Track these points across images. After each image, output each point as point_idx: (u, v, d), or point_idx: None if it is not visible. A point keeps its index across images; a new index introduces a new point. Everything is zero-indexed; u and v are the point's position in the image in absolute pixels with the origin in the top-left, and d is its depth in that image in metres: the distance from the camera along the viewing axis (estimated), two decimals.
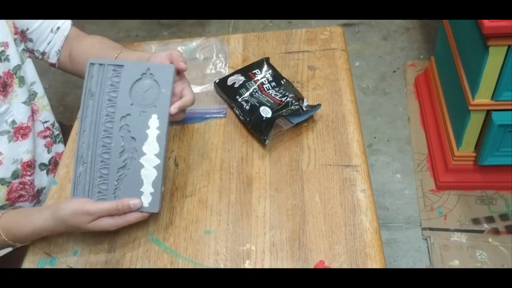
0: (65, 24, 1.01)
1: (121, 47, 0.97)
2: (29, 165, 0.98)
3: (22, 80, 0.96)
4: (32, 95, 1.01)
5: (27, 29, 0.98)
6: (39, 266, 0.80)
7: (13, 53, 0.94)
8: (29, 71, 0.99)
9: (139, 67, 0.80)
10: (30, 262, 0.81)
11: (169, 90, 0.78)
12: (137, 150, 0.78)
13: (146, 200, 0.78)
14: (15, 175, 0.95)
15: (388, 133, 1.91)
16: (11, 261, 0.98)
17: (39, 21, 0.98)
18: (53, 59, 1.02)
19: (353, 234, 0.77)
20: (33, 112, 1.00)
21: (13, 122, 0.94)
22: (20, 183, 0.97)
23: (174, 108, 0.78)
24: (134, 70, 0.79)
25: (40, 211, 0.79)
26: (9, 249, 1.00)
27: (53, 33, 1.00)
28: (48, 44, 1.01)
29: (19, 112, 0.95)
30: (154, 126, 0.78)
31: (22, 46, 0.97)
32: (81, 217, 0.75)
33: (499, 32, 1.19)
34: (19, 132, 0.96)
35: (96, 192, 0.79)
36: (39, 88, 1.03)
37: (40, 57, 1.03)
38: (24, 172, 0.97)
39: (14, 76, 0.94)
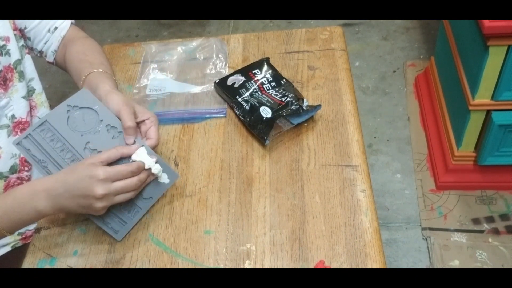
0: (63, 25, 1.00)
1: (100, 63, 0.93)
2: (27, 160, 0.98)
3: (21, 75, 0.96)
4: (31, 91, 1.01)
5: (25, 28, 0.98)
6: (39, 266, 0.80)
7: (14, 48, 0.94)
8: (28, 67, 0.99)
9: (60, 109, 0.79)
10: (30, 262, 0.81)
11: (100, 103, 0.80)
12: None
13: (164, 179, 0.82)
14: (13, 169, 0.96)
15: (388, 133, 1.91)
16: (11, 261, 0.98)
17: (37, 20, 0.98)
18: (50, 58, 1.02)
19: (353, 234, 0.77)
20: (31, 108, 1.00)
21: (13, 116, 0.95)
22: (18, 178, 0.97)
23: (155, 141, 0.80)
24: (58, 115, 0.79)
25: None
26: (9, 249, 1.00)
27: (50, 33, 1.00)
28: (45, 43, 1.00)
29: (18, 107, 0.95)
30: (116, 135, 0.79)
31: (22, 42, 0.98)
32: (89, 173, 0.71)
33: (499, 32, 1.19)
34: (18, 126, 0.96)
35: (125, 210, 0.81)
36: (37, 85, 1.03)
37: (39, 55, 1.04)
38: (22, 167, 0.97)
39: (14, 70, 0.94)
